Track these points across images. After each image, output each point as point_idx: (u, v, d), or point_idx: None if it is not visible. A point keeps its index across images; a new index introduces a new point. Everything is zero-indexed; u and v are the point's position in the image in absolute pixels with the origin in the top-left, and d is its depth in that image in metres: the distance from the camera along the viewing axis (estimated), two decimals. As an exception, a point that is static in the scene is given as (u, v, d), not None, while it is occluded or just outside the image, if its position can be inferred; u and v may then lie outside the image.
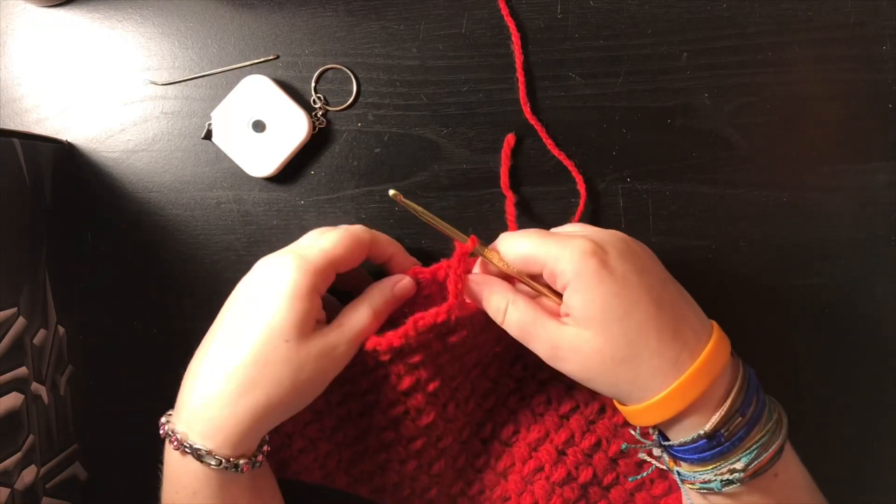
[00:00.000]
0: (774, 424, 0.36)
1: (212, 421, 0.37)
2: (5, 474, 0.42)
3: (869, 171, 0.47)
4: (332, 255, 0.39)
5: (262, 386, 0.37)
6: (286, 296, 0.37)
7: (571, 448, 0.45)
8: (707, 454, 0.35)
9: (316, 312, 0.39)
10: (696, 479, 0.36)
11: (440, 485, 0.46)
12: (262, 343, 0.37)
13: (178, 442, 0.37)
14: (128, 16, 0.50)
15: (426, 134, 0.49)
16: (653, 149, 0.48)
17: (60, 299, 0.48)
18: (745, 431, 0.35)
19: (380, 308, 0.41)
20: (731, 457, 0.35)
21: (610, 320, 0.35)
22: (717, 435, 0.35)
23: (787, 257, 0.48)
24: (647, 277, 0.36)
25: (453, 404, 0.44)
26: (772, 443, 0.35)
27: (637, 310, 0.35)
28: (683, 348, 0.35)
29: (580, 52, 0.48)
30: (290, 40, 0.49)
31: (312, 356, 0.38)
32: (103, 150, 0.50)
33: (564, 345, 0.36)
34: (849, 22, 0.47)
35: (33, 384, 0.45)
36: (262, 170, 0.48)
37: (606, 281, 0.35)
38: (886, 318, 0.48)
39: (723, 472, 0.35)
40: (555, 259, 0.36)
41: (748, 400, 0.35)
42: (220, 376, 0.37)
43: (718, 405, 0.35)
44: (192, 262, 0.50)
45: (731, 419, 0.35)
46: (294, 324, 0.37)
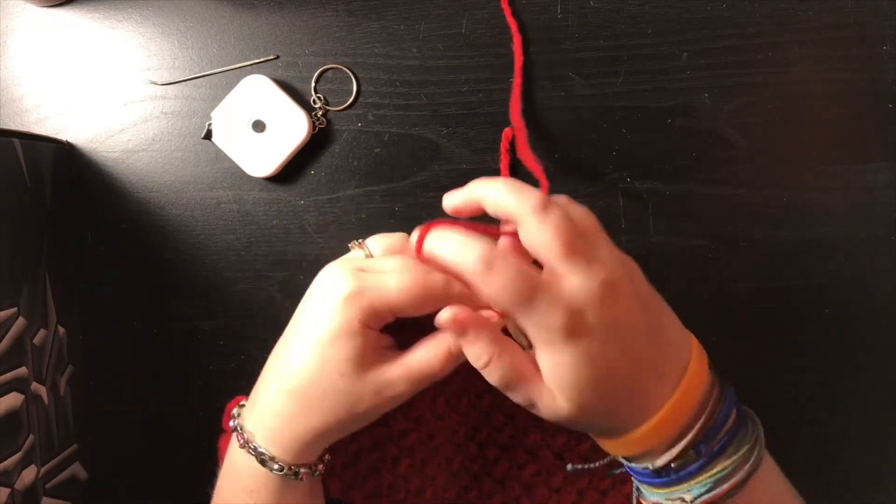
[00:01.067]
0: (741, 458, 0.34)
1: (275, 431, 0.37)
2: (5, 474, 0.42)
3: (869, 171, 0.47)
4: (391, 304, 0.36)
5: (320, 413, 0.37)
6: (336, 332, 0.36)
7: (569, 453, 0.45)
8: (656, 481, 0.35)
9: (374, 344, 0.37)
10: (648, 498, 0.37)
11: (434, 488, 0.46)
12: (319, 375, 0.36)
13: (244, 441, 0.38)
14: (128, 16, 0.50)
15: (426, 134, 0.49)
16: (653, 149, 0.48)
17: (60, 299, 0.48)
18: (699, 467, 0.34)
19: (457, 355, 0.37)
20: (681, 487, 0.35)
21: (583, 387, 0.33)
22: (664, 469, 0.34)
23: (787, 257, 0.48)
24: (628, 339, 0.34)
25: (443, 398, 0.44)
26: (732, 476, 0.34)
27: (611, 370, 0.33)
28: (650, 405, 0.34)
29: (580, 52, 0.48)
30: (290, 40, 0.49)
31: (369, 392, 0.36)
32: (103, 150, 0.50)
33: (540, 406, 0.35)
34: (849, 22, 0.47)
35: (33, 384, 0.45)
36: (262, 170, 0.48)
37: (576, 350, 0.33)
38: (886, 318, 0.48)
39: (673, 498, 0.35)
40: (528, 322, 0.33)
41: (709, 437, 0.34)
42: (284, 394, 0.37)
43: (676, 441, 0.34)
44: (192, 262, 0.50)
45: (683, 457, 0.34)
46: (347, 361, 0.36)
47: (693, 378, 0.35)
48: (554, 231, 0.33)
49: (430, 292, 0.36)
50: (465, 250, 0.34)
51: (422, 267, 0.37)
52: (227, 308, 0.50)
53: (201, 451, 0.47)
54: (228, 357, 0.50)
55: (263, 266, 0.50)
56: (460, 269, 0.34)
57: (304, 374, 0.37)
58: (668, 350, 0.35)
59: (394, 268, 0.37)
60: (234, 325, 0.50)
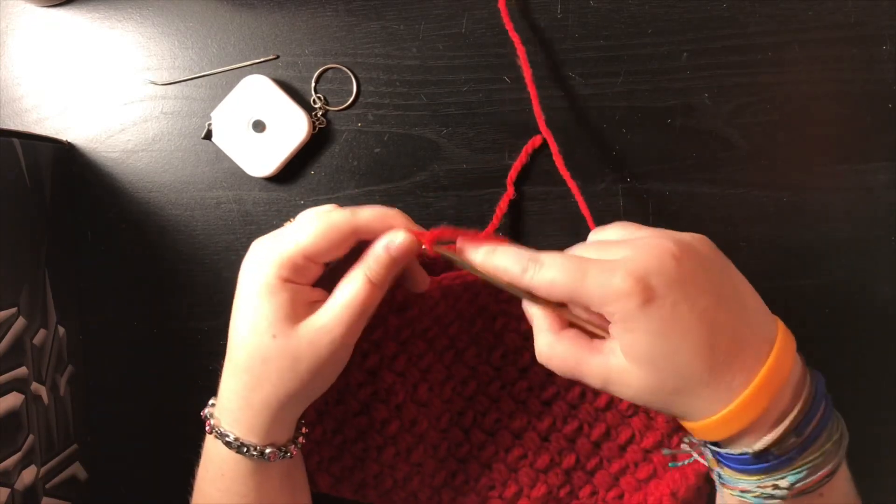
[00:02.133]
0: (833, 445, 0.33)
1: (234, 412, 0.38)
2: (5, 474, 0.42)
3: (869, 171, 0.47)
4: (304, 249, 0.36)
5: (268, 381, 0.37)
6: (258, 293, 0.36)
7: (554, 434, 0.45)
8: (752, 467, 0.34)
9: (299, 300, 0.37)
10: (736, 485, 0.35)
11: (422, 475, 0.46)
12: (254, 342, 0.37)
13: (210, 426, 0.38)
14: (128, 16, 0.50)
15: (426, 134, 0.49)
16: (653, 149, 0.48)
17: (60, 299, 0.48)
18: (797, 452, 0.33)
19: (375, 273, 0.37)
20: (778, 474, 0.33)
21: (658, 358, 0.33)
22: (766, 454, 0.33)
23: (787, 257, 0.48)
24: (701, 300, 0.33)
25: (425, 386, 0.45)
26: (825, 464, 0.33)
27: (687, 343, 0.32)
28: (739, 372, 0.33)
29: (580, 52, 0.48)
30: (290, 40, 0.49)
31: (305, 345, 0.36)
32: (103, 150, 0.50)
33: (614, 378, 0.34)
34: (849, 22, 0.47)
35: (33, 384, 0.45)
36: (262, 170, 0.48)
37: (653, 319, 0.32)
38: (886, 318, 0.48)
39: (766, 486, 0.34)
40: (597, 305, 0.33)
41: (808, 419, 0.33)
42: (235, 371, 0.38)
43: (776, 423, 0.33)
44: (192, 262, 0.50)
45: (784, 439, 0.33)
46: (273, 319, 0.36)
47: (781, 353, 0.33)
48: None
49: (336, 225, 0.36)
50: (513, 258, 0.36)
51: (325, 210, 0.38)
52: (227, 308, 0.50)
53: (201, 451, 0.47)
54: (228, 357, 0.50)
55: (263, 266, 0.50)
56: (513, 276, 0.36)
57: (242, 346, 0.37)
58: (749, 317, 0.34)
59: (302, 218, 0.38)
60: (234, 325, 0.50)
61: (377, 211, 0.38)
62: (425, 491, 0.47)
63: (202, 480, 0.41)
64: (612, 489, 0.45)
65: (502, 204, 0.46)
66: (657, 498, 0.44)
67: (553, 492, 0.46)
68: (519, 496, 0.46)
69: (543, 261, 0.35)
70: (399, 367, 0.45)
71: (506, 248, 0.37)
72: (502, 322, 0.45)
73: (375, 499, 0.47)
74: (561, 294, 0.34)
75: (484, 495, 0.46)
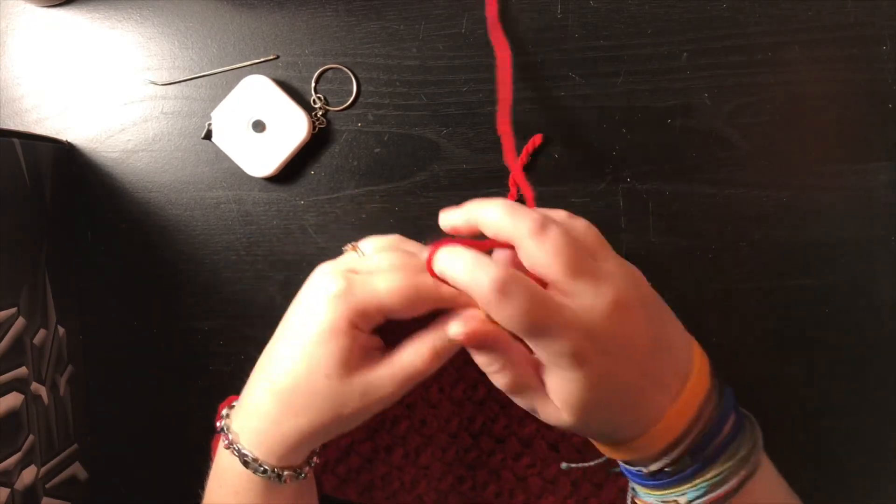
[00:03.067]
0: (738, 462, 0.34)
1: (259, 433, 0.37)
2: (5, 474, 0.42)
3: (869, 171, 0.47)
4: (381, 305, 0.35)
5: (306, 414, 0.36)
6: (323, 331, 0.35)
7: (563, 444, 0.45)
8: (648, 482, 0.35)
9: (362, 345, 0.36)
10: (642, 499, 0.37)
11: (429, 478, 0.46)
12: (305, 376, 0.36)
13: (229, 442, 0.38)
14: (128, 16, 0.50)
15: (426, 134, 0.49)
16: (653, 149, 0.48)
17: (60, 299, 0.48)
18: (694, 471, 0.34)
19: (443, 351, 0.36)
20: (676, 490, 0.35)
21: (587, 405, 0.33)
22: (659, 473, 0.35)
23: (787, 257, 0.48)
24: (634, 344, 0.33)
25: (436, 386, 0.45)
26: (728, 480, 0.34)
27: (617, 388, 0.33)
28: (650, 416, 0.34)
29: (580, 52, 0.48)
30: (290, 40, 0.49)
31: (356, 394, 0.36)
32: (103, 150, 0.50)
33: (543, 414, 0.35)
34: (849, 22, 0.47)
35: (33, 384, 0.45)
36: (262, 170, 0.48)
37: (585, 372, 0.32)
38: (886, 318, 0.48)
39: (668, 500, 0.35)
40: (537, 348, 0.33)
41: (705, 443, 0.34)
42: (269, 395, 0.37)
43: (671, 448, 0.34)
44: (192, 262, 0.50)
45: (679, 462, 0.34)
46: (334, 362, 0.35)
47: (693, 387, 0.35)
48: (554, 252, 0.32)
49: (421, 293, 0.35)
50: (477, 273, 0.33)
51: (413, 266, 0.36)
52: (227, 308, 0.50)
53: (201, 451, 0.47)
54: (228, 357, 0.50)
55: (263, 266, 0.50)
56: (471, 291, 0.34)
57: (291, 374, 0.36)
58: (671, 361, 0.35)
59: (384, 267, 0.37)
60: (234, 325, 0.50)
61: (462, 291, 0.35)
62: (431, 495, 0.46)
63: (213, 495, 0.40)
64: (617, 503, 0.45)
65: None
66: None
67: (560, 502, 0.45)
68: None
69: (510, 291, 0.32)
70: None
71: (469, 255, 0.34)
72: None
73: (381, 501, 0.47)
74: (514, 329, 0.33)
75: (491, 502, 0.46)
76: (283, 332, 0.38)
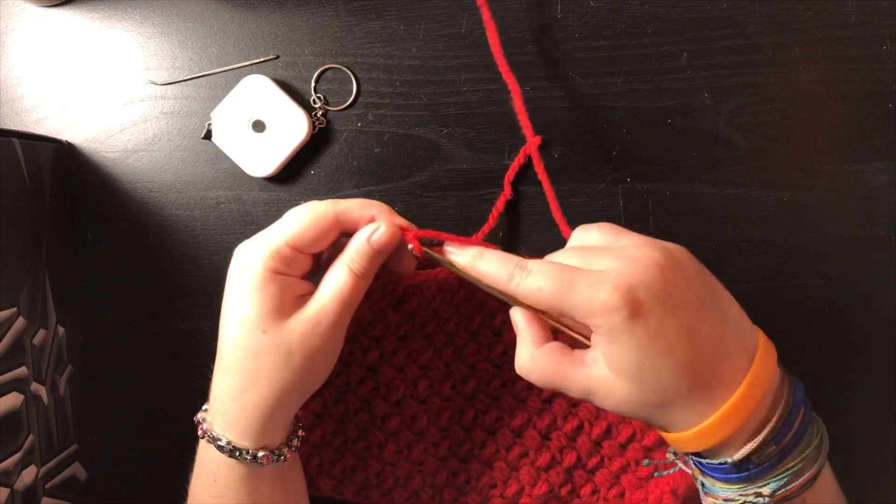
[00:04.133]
0: (813, 451, 0.34)
1: (227, 414, 0.37)
2: (5, 474, 0.42)
3: (869, 171, 0.47)
4: (289, 239, 0.37)
5: (261, 379, 0.36)
6: (247, 287, 0.36)
7: (555, 432, 0.45)
8: (732, 476, 0.34)
9: (289, 294, 0.37)
10: (719, 494, 0.35)
11: (423, 473, 0.46)
12: (245, 339, 0.36)
13: (202, 431, 0.38)
14: (128, 16, 0.50)
15: (426, 134, 0.49)
16: (653, 149, 0.48)
17: (60, 299, 0.48)
18: (777, 460, 0.33)
19: (358, 264, 0.37)
20: (759, 482, 0.34)
21: (642, 372, 0.33)
22: (745, 463, 0.34)
23: (787, 257, 0.48)
24: (685, 314, 0.33)
25: (425, 383, 0.45)
26: (805, 470, 0.33)
27: (671, 359, 0.33)
28: (719, 386, 0.33)
29: (580, 52, 0.48)
30: (290, 40, 0.49)
31: (297, 337, 0.36)
32: (103, 150, 0.50)
33: (596, 390, 0.34)
34: (849, 22, 0.47)
35: (33, 384, 0.45)
36: (262, 170, 0.48)
37: (638, 333, 0.32)
38: (886, 318, 0.48)
39: (748, 494, 0.34)
40: (582, 316, 0.33)
41: (787, 428, 0.33)
42: (226, 372, 0.37)
43: (754, 433, 0.33)
44: (192, 262, 0.50)
45: (763, 448, 0.33)
46: (263, 313, 0.36)
47: (763, 363, 0.34)
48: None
49: (318, 213, 0.37)
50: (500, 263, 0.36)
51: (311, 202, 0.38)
52: (227, 308, 0.50)
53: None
54: (228, 357, 0.50)
55: (263, 266, 0.50)
56: (498, 281, 0.36)
57: (233, 344, 0.37)
58: (731, 328, 0.34)
59: (287, 214, 0.38)
60: (234, 325, 0.50)
61: (359, 201, 0.39)
62: (427, 490, 0.47)
63: (195, 486, 0.40)
64: (613, 487, 0.45)
65: (499, 204, 0.46)
66: (658, 496, 0.44)
67: (554, 490, 0.46)
68: (520, 495, 0.46)
69: (531, 268, 0.35)
70: (399, 363, 0.45)
71: (492, 252, 0.37)
72: (501, 318, 0.45)
73: (377, 499, 0.47)
74: (547, 303, 0.34)
75: (485, 494, 0.47)
76: (223, 309, 0.38)
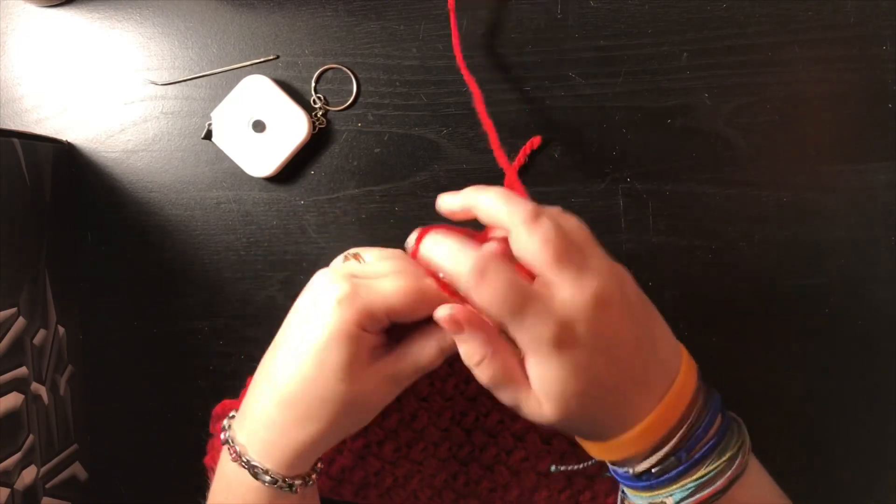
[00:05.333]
0: (725, 463, 0.34)
1: (269, 443, 0.37)
2: (5, 474, 0.42)
3: (869, 171, 0.47)
4: (388, 308, 0.35)
5: (319, 419, 0.36)
6: (332, 336, 0.35)
7: (556, 438, 0.45)
8: (636, 484, 0.36)
9: (368, 349, 0.36)
10: (632, 500, 0.37)
11: (423, 474, 0.46)
12: (315, 382, 0.35)
13: (236, 454, 0.37)
14: (128, 16, 0.50)
15: (426, 134, 0.49)
16: (653, 149, 0.48)
17: (60, 299, 0.48)
18: (678, 473, 0.34)
19: (449, 350, 0.37)
20: (664, 490, 0.35)
21: (568, 397, 0.33)
22: (644, 474, 0.35)
23: (787, 257, 0.48)
24: (616, 352, 0.34)
25: (426, 381, 0.45)
26: (714, 481, 0.34)
27: (598, 382, 0.33)
28: (635, 410, 0.34)
29: (580, 52, 0.48)
30: (290, 40, 0.49)
31: (367, 394, 0.36)
32: (103, 150, 0.50)
33: (525, 409, 0.35)
34: (849, 22, 0.47)
35: (33, 384, 0.45)
36: (262, 170, 0.48)
37: (564, 361, 0.33)
38: (886, 318, 0.48)
39: (656, 502, 0.35)
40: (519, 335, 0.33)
41: (693, 443, 0.34)
42: (281, 403, 0.36)
43: (657, 449, 0.34)
44: (192, 262, 0.50)
45: (663, 462, 0.34)
46: (345, 365, 0.35)
47: (679, 390, 0.35)
48: (544, 240, 0.33)
49: (426, 294, 0.36)
50: (459, 257, 0.34)
51: (416, 271, 0.37)
52: (227, 308, 0.50)
53: (201, 452, 0.47)
54: (228, 357, 0.50)
55: (263, 266, 0.50)
56: (453, 275, 0.34)
57: (299, 382, 0.36)
58: (657, 362, 0.35)
59: (388, 271, 0.37)
60: (234, 325, 0.50)
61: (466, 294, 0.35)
62: (426, 491, 0.47)
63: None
64: (611, 495, 0.45)
65: None
66: None
67: (554, 496, 0.45)
68: (520, 499, 0.46)
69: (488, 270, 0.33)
70: None
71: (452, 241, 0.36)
72: None
73: (376, 499, 0.47)
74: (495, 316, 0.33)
75: (485, 497, 0.46)
76: (286, 339, 0.37)
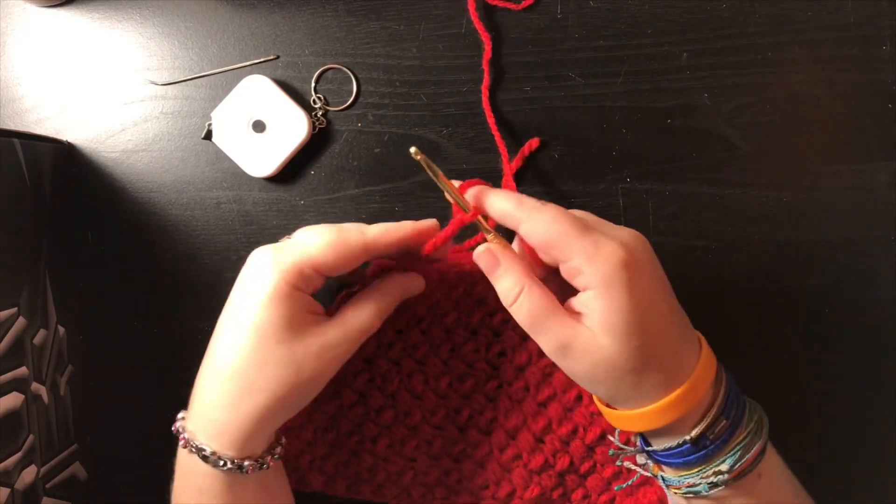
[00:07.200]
0: (756, 426, 0.36)
1: (216, 423, 0.37)
2: (5, 474, 0.42)
3: (869, 171, 0.47)
4: (314, 260, 0.37)
5: (263, 389, 0.36)
6: (263, 296, 0.36)
7: (549, 435, 0.45)
8: (692, 458, 0.35)
9: (305, 308, 0.38)
10: (682, 483, 0.36)
11: (415, 471, 0.46)
12: (257, 346, 0.36)
13: (185, 441, 0.37)
14: (128, 16, 0.50)
15: (426, 134, 0.49)
16: (653, 149, 0.48)
17: (60, 299, 0.48)
18: (729, 434, 0.35)
19: (385, 309, 0.40)
20: (716, 459, 0.35)
21: (632, 333, 0.34)
22: (702, 439, 0.35)
23: (787, 257, 0.48)
24: (665, 288, 0.36)
25: (421, 378, 0.45)
26: (754, 443, 0.35)
27: (658, 323, 0.34)
28: (684, 360, 0.35)
29: (580, 52, 0.48)
30: (290, 40, 0.49)
31: (311, 354, 0.37)
32: (103, 150, 0.50)
33: (576, 346, 0.35)
34: (849, 22, 0.47)
35: (33, 384, 0.45)
36: (262, 170, 0.48)
37: (636, 293, 0.34)
38: (886, 318, 0.48)
39: (708, 474, 0.35)
40: (585, 259, 0.34)
41: (731, 404, 0.35)
42: (222, 379, 0.37)
43: (705, 412, 0.35)
44: (192, 262, 0.50)
45: (715, 423, 0.35)
46: (280, 324, 0.36)
47: (708, 351, 0.36)
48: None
49: (350, 245, 0.37)
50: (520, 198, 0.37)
51: (339, 226, 0.39)
52: (227, 308, 0.50)
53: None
54: (228, 357, 0.50)
55: (263, 266, 0.50)
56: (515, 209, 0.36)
57: (241, 351, 0.36)
58: (686, 321, 0.37)
59: (310, 232, 0.39)
60: (234, 325, 0.50)
61: (387, 228, 0.39)
62: (418, 488, 0.47)
63: (181, 497, 0.40)
64: (603, 493, 0.45)
65: None
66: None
67: (546, 493, 0.45)
68: (512, 497, 0.46)
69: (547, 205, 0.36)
70: (394, 356, 0.45)
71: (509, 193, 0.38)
72: (501, 317, 0.45)
73: (368, 494, 0.47)
74: (554, 238, 0.35)
75: (477, 494, 0.46)
76: (224, 316, 0.38)
